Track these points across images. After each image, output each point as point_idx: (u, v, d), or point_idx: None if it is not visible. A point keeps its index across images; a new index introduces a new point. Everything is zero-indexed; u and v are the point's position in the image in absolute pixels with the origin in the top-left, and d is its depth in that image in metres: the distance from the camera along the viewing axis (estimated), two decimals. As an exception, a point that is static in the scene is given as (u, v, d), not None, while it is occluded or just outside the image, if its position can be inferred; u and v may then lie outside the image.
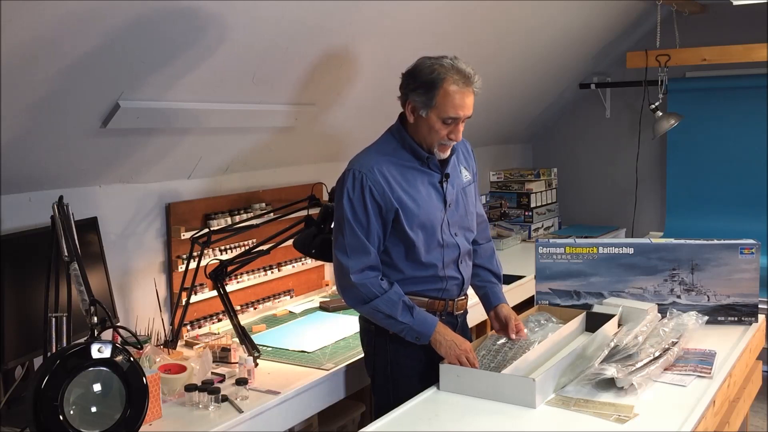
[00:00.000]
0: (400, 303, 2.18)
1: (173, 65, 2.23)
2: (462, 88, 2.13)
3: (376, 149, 2.27)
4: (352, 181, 2.18)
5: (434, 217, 2.25)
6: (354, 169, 2.19)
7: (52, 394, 1.72)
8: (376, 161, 2.20)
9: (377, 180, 2.17)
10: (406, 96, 2.20)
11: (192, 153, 2.75)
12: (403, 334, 2.21)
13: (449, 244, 2.29)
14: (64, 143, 2.24)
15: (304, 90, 2.86)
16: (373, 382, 2.38)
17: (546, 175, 5.09)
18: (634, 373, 2.11)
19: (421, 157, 2.24)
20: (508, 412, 1.98)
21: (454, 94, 2.13)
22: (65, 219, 1.99)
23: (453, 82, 2.13)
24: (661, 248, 2.74)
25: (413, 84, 2.17)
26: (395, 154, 2.24)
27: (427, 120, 2.17)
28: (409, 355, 2.27)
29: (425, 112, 2.16)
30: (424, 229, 2.23)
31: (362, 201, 2.16)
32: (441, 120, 2.15)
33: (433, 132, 2.18)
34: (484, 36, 3.48)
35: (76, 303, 1.98)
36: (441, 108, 2.14)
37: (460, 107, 2.14)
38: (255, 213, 3.06)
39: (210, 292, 2.88)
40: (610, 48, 4.79)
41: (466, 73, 2.14)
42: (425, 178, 2.26)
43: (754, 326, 2.69)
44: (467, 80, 2.14)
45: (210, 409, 2.16)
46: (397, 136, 2.27)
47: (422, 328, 2.19)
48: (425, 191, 2.24)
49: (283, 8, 2.32)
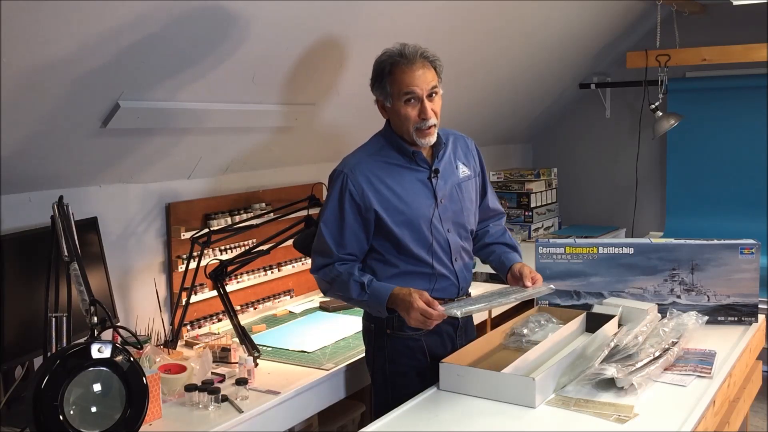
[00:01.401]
0: (350, 282, 2.19)
1: (173, 65, 2.23)
2: (408, 65, 2.17)
3: (364, 149, 2.32)
4: (333, 181, 2.25)
5: (421, 214, 2.25)
6: (338, 169, 2.26)
7: (52, 394, 1.72)
8: (361, 161, 2.26)
9: (357, 181, 2.21)
10: (372, 92, 2.27)
11: (192, 153, 2.75)
12: (370, 311, 2.27)
13: (440, 240, 2.28)
14: (64, 143, 2.24)
15: (304, 90, 2.86)
16: (373, 382, 2.38)
17: (546, 175, 5.09)
18: (634, 373, 2.11)
19: (407, 153, 2.26)
20: (509, 412, 1.98)
21: (402, 74, 2.17)
22: (65, 219, 1.99)
23: (396, 64, 2.18)
24: (661, 248, 2.74)
25: (372, 81, 2.25)
26: (381, 153, 2.28)
27: (393, 109, 2.22)
28: (408, 354, 2.27)
29: (389, 102, 2.22)
30: (411, 225, 2.24)
31: (339, 202, 2.22)
32: (403, 103, 2.19)
33: (403, 118, 2.20)
34: (484, 36, 3.48)
35: (76, 303, 1.98)
36: (396, 92, 2.19)
37: (412, 83, 2.17)
38: (255, 213, 3.06)
39: (210, 292, 2.88)
40: (610, 48, 4.80)
41: (405, 52, 2.18)
42: (412, 175, 2.27)
43: (754, 326, 2.69)
44: (409, 56, 2.18)
45: (210, 409, 2.16)
46: (384, 135, 2.32)
47: (377, 300, 2.17)
48: (412, 188, 2.26)
49: (283, 8, 2.32)
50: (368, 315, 2.36)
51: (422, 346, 2.27)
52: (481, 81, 3.95)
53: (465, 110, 4.03)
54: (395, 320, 2.24)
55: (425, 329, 2.16)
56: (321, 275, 2.27)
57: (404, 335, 2.27)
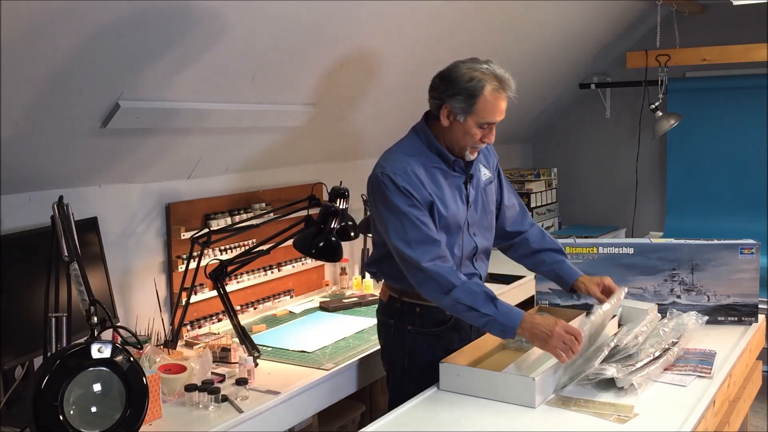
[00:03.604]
0: (481, 293, 2.11)
1: (173, 65, 2.23)
2: (501, 94, 2.17)
3: (403, 150, 2.26)
4: (388, 180, 2.16)
5: (458, 219, 2.26)
6: (387, 171, 2.17)
7: (52, 394, 1.72)
8: (406, 162, 2.20)
9: (412, 179, 2.17)
10: (442, 100, 2.19)
11: (192, 153, 2.75)
12: (486, 327, 2.14)
13: (467, 244, 2.30)
14: (64, 143, 2.24)
15: (304, 90, 2.86)
16: (388, 376, 2.40)
17: (546, 175, 5.09)
18: (634, 373, 2.11)
19: (448, 160, 2.25)
20: (509, 412, 1.98)
21: (494, 101, 2.15)
22: (65, 219, 1.99)
23: (493, 88, 2.15)
24: (661, 248, 2.74)
25: (452, 90, 2.17)
26: (421, 155, 2.24)
27: (464, 125, 2.18)
28: (427, 349, 2.28)
29: (463, 118, 2.17)
30: (448, 229, 2.24)
31: (402, 195, 2.14)
32: (478, 125, 2.18)
33: (468, 136, 2.20)
34: (485, 36, 3.48)
35: (76, 303, 1.98)
36: (480, 114, 2.16)
37: (498, 112, 2.18)
38: (255, 213, 3.06)
39: (210, 292, 2.88)
40: (610, 48, 4.80)
41: (504, 79, 2.17)
42: (451, 180, 2.27)
43: (754, 326, 2.69)
44: (505, 85, 2.17)
45: (210, 409, 2.16)
46: (422, 136, 2.27)
47: (507, 320, 2.09)
48: (450, 193, 2.25)
49: (283, 8, 2.32)
50: (384, 310, 2.37)
51: (442, 341, 2.28)
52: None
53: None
54: (417, 318, 2.27)
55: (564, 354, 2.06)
56: (444, 272, 2.11)
57: (425, 331, 2.29)
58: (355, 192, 3.07)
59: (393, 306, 2.34)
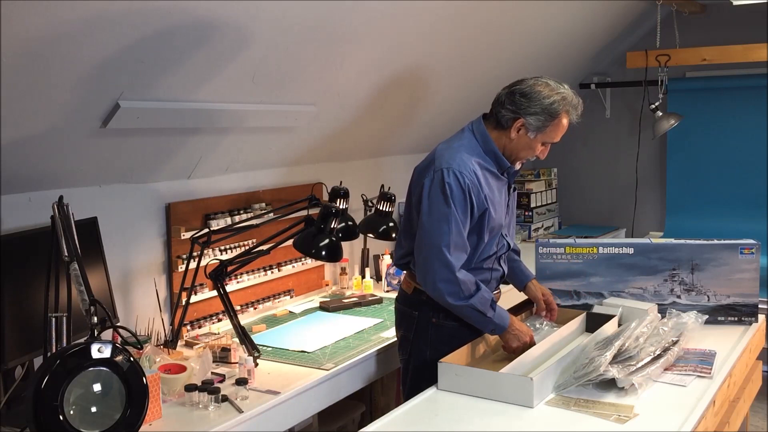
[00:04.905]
0: (490, 299, 2.28)
1: (173, 65, 2.23)
2: (570, 117, 2.31)
3: (465, 149, 2.33)
4: (454, 179, 2.23)
5: (501, 222, 2.39)
6: (452, 168, 2.24)
7: (52, 394, 1.72)
8: (471, 162, 2.28)
9: (474, 181, 2.26)
10: (518, 114, 2.29)
11: (192, 153, 2.75)
12: (479, 325, 2.31)
13: (501, 244, 2.43)
14: (64, 143, 2.24)
15: (304, 90, 2.86)
16: (406, 366, 2.44)
17: (546, 175, 5.09)
18: (635, 373, 2.11)
19: (503, 166, 2.35)
20: (509, 412, 1.98)
21: (564, 123, 2.31)
22: (65, 219, 1.99)
23: (567, 113, 2.29)
24: (661, 248, 2.74)
25: (533, 108, 2.27)
26: (479, 156, 2.33)
27: (531, 140, 2.31)
28: (449, 341, 2.31)
29: (534, 135, 2.29)
30: (493, 231, 2.35)
31: (464, 200, 2.24)
32: (542, 143, 2.31)
33: (530, 150, 2.34)
34: (485, 36, 3.48)
35: (76, 303, 1.98)
36: (549, 134, 2.30)
37: (561, 135, 2.33)
38: (255, 213, 3.06)
39: (210, 292, 2.88)
40: (610, 48, 4.79)
41: (577, 106, 2.32)
42: (499, 184, 2.38)
43: (754, 326, 2.69)
44: (578, 111, 2.32)
45: (210, 409, 2.16)
46: (479, 139, 2.35)
47: (501, 321, 2.28)
48: (499, 197, 2.36)
49: (283, 8, 2.31)
50: (408, 301, 2.42)
51: (462, 334, 2.33)
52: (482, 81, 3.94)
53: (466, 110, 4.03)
54: (441, 311, 2.32)
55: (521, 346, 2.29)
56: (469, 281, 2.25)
57: (448, 324, 2.35)
58: (355, 192, 3.08)
59: (419, 298, 2.38)
